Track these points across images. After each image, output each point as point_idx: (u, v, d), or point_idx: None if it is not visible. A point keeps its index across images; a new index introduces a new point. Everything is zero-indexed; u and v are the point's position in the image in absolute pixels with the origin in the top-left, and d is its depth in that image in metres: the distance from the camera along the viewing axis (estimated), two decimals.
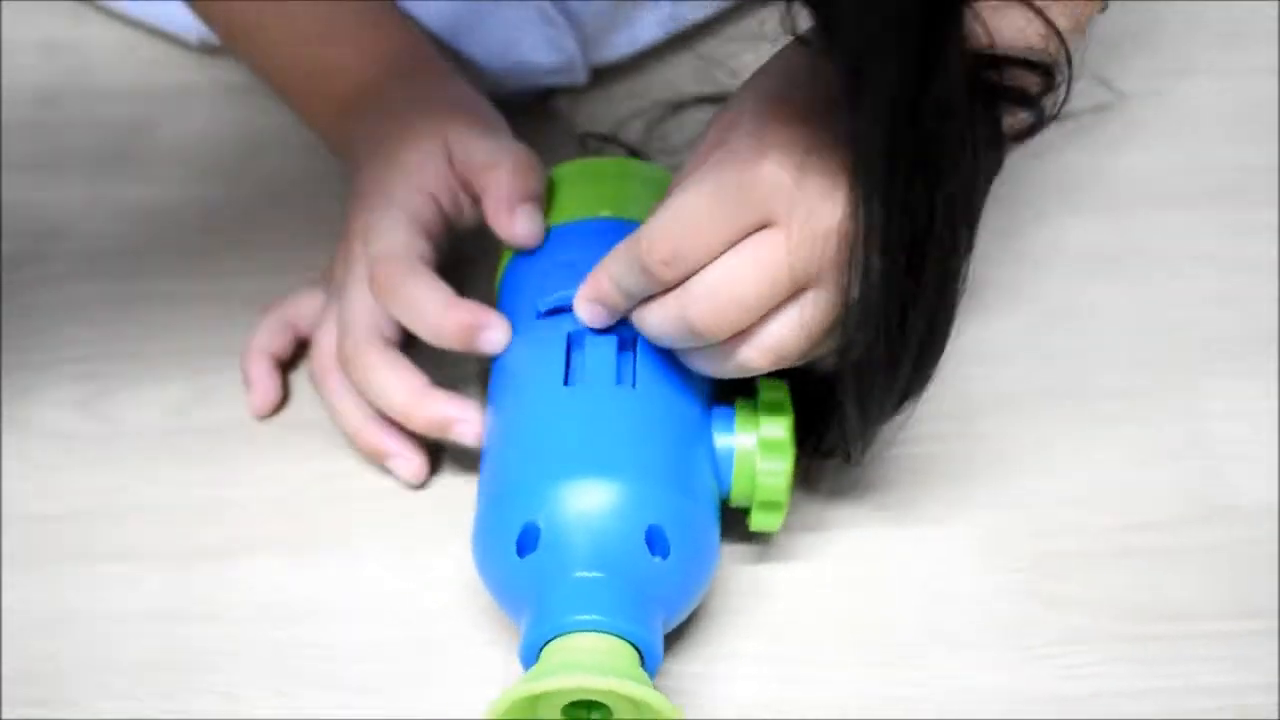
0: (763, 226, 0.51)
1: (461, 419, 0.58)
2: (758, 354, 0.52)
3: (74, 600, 0.60)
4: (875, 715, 0.57)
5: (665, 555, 0.53)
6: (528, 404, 0.56)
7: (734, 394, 0.58)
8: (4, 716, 0.56)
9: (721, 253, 0.51)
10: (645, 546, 0.53)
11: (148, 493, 0.63)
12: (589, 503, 0.53)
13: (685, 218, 0.51)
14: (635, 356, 0.56)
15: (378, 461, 0.62)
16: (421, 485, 0.63)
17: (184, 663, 0.58)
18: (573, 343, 0.57)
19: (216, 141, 0.76)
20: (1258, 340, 0.68)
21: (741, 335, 0.52)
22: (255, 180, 0.75)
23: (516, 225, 0.60)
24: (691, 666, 0.58)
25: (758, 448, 0.56)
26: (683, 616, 0.56)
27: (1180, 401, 0.66)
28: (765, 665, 0.58)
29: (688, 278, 0.51)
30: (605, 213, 0.61)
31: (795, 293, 0.51)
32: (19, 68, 0.79)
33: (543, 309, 0.58)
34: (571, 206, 0.62)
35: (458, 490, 0.62)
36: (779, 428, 0.56)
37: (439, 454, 0.63)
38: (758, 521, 0.58)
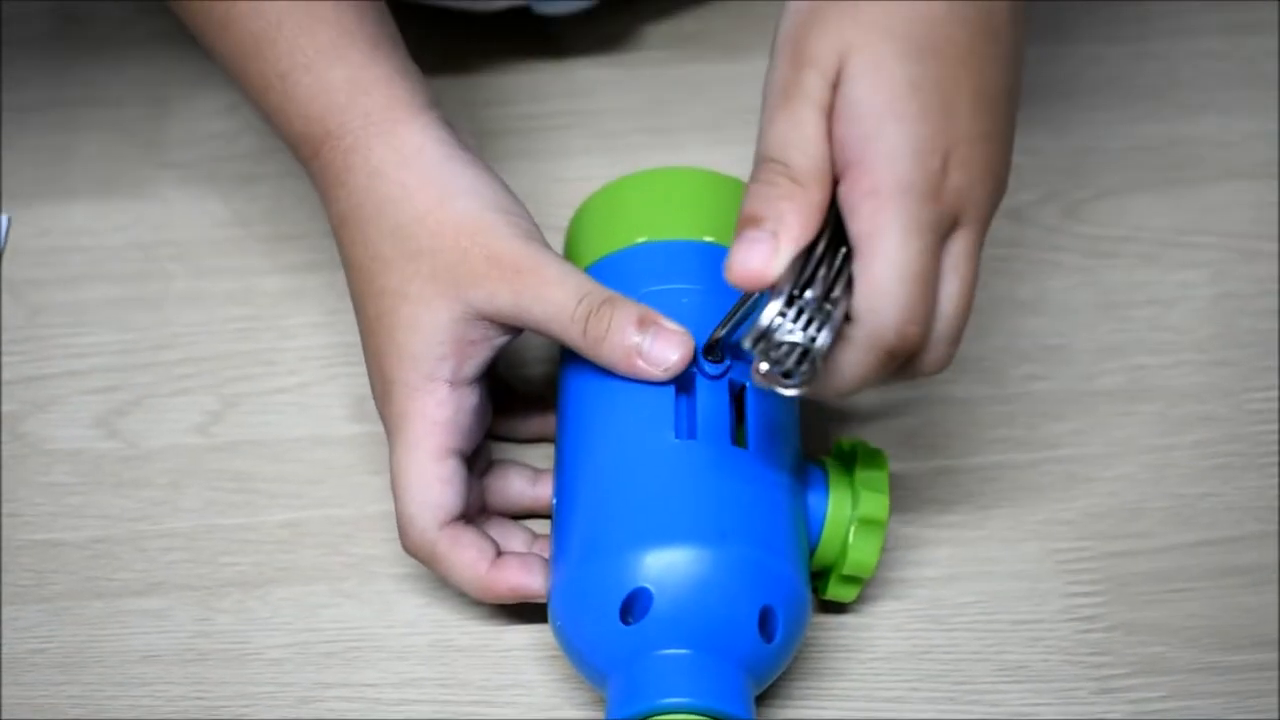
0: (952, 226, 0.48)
1: (535, 588, 0.54)
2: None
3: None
4: None
5: (772, 639, 0.50)
6: (632, 454, 0.52)
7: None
8: None
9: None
10: (757, 628, 0.50)
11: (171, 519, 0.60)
12: (709, 576, 0.49)
13: (912, 280, 0.46)
14: (745, 407, 0.53)
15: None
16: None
17: (214, 708, 0.56)
18: (679, 387, 0.53)
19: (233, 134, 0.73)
20: None
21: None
22: (281, 171, 0.71)
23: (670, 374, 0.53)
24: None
25: (856, 524, 0.53)
26: None
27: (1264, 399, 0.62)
28: (825, 701, 0.55)
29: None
30: (709, 237, 0.57)
31: None
32: None
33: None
34: (651, 226, 0.57)
35: None
36: (880, 507, 0.53)
37: None
38: (834, 591, 0.55)
